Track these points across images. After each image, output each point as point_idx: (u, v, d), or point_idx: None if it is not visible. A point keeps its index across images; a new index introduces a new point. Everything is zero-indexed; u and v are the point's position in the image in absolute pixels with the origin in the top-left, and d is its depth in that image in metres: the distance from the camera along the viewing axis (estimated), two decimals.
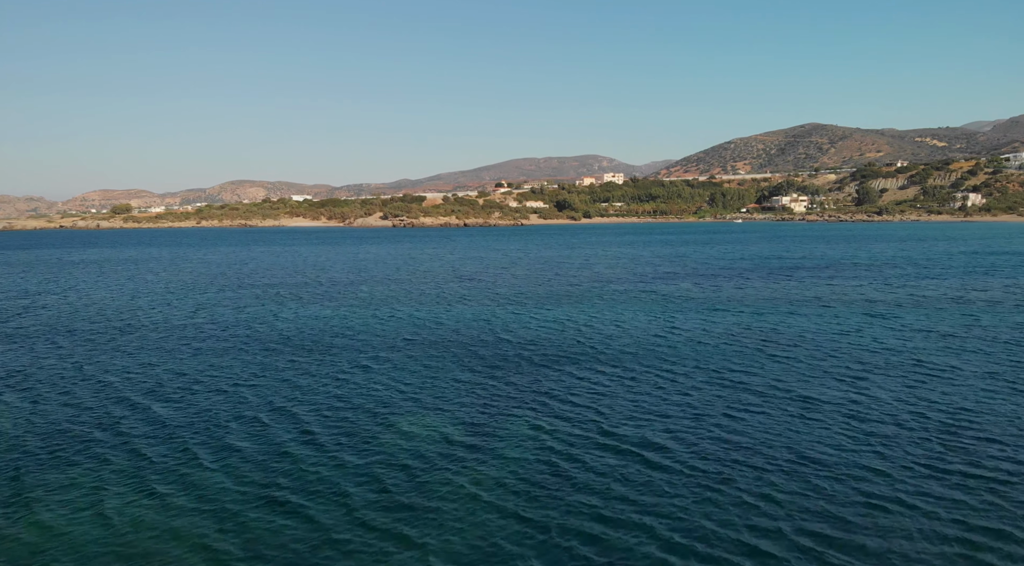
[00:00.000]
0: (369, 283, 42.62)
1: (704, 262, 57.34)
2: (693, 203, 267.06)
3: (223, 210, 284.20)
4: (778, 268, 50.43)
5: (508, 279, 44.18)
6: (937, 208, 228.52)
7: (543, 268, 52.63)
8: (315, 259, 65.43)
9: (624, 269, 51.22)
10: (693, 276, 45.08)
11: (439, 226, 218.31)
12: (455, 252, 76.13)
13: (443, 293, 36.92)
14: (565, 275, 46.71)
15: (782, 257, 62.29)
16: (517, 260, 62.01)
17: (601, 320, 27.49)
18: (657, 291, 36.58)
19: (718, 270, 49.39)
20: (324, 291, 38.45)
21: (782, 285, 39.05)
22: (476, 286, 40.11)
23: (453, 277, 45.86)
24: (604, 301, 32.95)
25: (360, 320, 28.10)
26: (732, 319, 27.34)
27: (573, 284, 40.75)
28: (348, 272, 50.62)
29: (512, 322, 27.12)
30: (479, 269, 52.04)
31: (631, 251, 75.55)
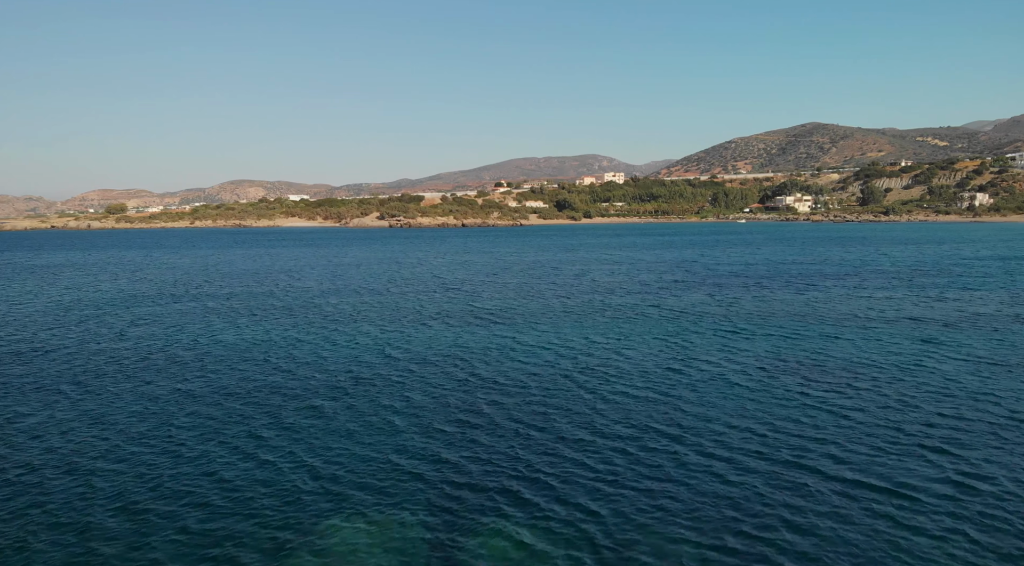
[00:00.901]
0: (339, 294, 37.71)
1: (713, 268, 52.41)
2: (695, 203, 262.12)
3: (219, 210, 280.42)
4: (797, 276, 45.49)
5: (495, 289, 39.27)
6: (945, 208, 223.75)
7: (536, 275, 47.71)
8: (292, 263, 60.54)
9: (626, 276, 46.32)
10: (704, 285, 40.14)
11: (436, 226, 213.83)
12: (445, 255, 71.22)
13: (418, 308, 32.01)
14: (560, 284, 41.79)
15: (797, 262, 57.36)
16: (509, 265, 57.10)
17: (601, 347, 22.59)
18: (665, 306, 31.64)
19: (731, 278, 44.46)
20: (283, 304, 33.54)
21: (807, 298, 34.10)
22: (458, 298, 35.19)
23: (435, 286, 40.95)
24: (604, 319, 28.02)
25: (309, 346, 23.18)
26: (761, 346, 22.40)
27: (569, 296, 35.83)
28: (321, 279, 45.73)
29: (493, 351, 22.19)
30: (466, 276, 47.14)
31: (633, 255, 70.62)
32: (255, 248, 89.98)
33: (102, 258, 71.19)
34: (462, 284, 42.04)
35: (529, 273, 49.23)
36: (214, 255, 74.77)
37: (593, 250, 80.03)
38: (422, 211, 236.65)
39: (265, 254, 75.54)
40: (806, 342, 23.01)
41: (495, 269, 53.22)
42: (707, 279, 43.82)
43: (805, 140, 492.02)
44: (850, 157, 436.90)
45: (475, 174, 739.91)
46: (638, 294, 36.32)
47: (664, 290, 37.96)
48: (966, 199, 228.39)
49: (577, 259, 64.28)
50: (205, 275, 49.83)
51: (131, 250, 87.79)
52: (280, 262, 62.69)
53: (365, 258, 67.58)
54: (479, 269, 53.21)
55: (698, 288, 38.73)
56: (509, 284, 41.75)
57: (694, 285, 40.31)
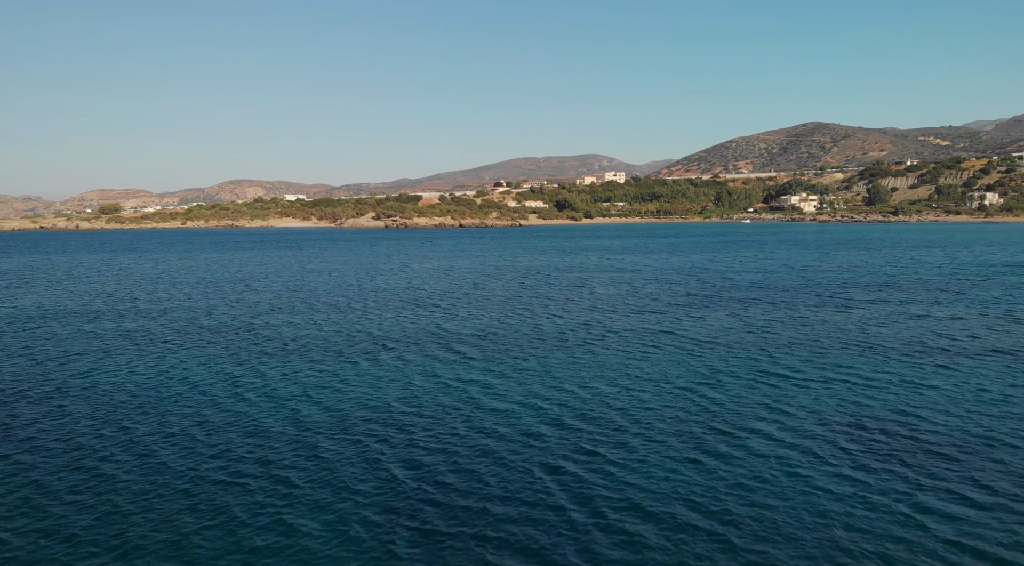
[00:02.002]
0: (289, 311, 31.59)
1: (728, 276, 46.27)
2: (698, 203, 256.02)
3: (213, 210, 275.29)
4: (827, 287, 39.35)
5: (476, 306, 33.15)
6: (955, 208, 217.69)
7: (528, 286, 41.59)
8: (258, 270, 54.42)
9: (630, 287, 40.20)
10: (723, 300, 34.00)
11: (433, 227, 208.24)
12: (431, 260, 65.06)
13: (376, 331, 25.92)
14: (554, 298, 35.67)
15: (820, 269, 51.20)
16: (499, 272, 50.97)
17: (600, 395, 16.52)
18: (682, 332, 25.51)
19: (752, 290, 38.32)
20: (216, 325, 27.41)
21: (855, 319, 27.97)
22: (428, 319, 29.08)
23: (405, 301, 34.82)
24: (606, 353, 21.90)
25: (210, 395, 17.06)
26: (823, 399, 16.27)
27: (563, 315, 29.71)
28: (279, 291, 39.63)
29: (450, 410, 16.06)
30: (445, 287, 40.99)
31: (636, 259, 64.49)
32: (231, 251, 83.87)
33: (54, 263, 65.05)
34: (439, 298, 35.90)
35: (520, 283, 43.10)
36: (182, 259, 68.68)
37: (593, 254, 73.93)
38: (419, 211, 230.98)
39: (236, 259, 69.42)
40: (879, 392, 16.89)
41: (482, 277, 47.09)
42: (725, 292, 37.67)
43: (806, 140, 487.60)
44: (852, 157, 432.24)
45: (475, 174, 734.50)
46: (646, 313, 30.19)
47: (677, 307, 31.81)
48: (976, 199, 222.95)
49: (575, 265, 58.15)
50: (153, 285, 43.75)
51: (99, 253, 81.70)
52: (247, 268, 56.60)
53: (342, 263, 61.47)
54: (464, 277, 47.07)
55: (717, 305, 32.57)
56: (494, 298, 35.60)
57: (711, 300, 34.14)
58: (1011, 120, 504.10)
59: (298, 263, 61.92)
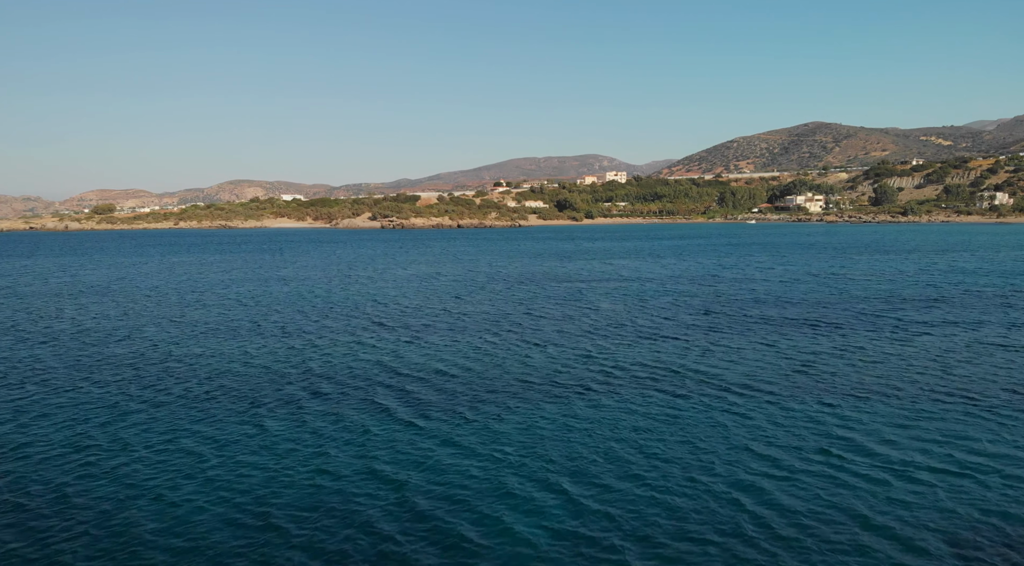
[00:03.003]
0: (224, 334, 25.90)
1: (749, 287, 40.52)
2: (701, 203, 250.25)
3: (207, 210, 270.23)
4: (867, 301, 33.63)
5: (451, 327, 27.46)
6: (965, 208, 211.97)
7: (517, 299, 35.87)
8: (217, 277, 48.72)
9: (636, 303, 34.48)
10: (750, 321, 28.29)
11: (431, 227, 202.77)
12: (416, 265, 59.31)
13: (317, 366, 20.22)
14: (546, 316, 29.97)
15: (851, 278, 45.47)
16: (487, 281, 45.25)
17: (607, 495, 10.85)
18: (706, 369, 19.79)
19: (781, 305, 32.60)
20: (130, 353, 21.71)
21: (923, 350, 22.18)
22: (388, 345, 23.36)
23: (369, 319, 29.09)
24: (610, 403, 16.20)
25: (62, 466, 11.40)
26: (932, 499, 10.62)
27: (554, 342, 23.99)
28: (231, 303, 33.94)
29: (388, 502, 10.36)
30: (421, 301, 35.25)
31: (641, 266, 58.78)
32: (206, 254, 78.19)
33: (7, 267, 59.37)
34: (410, 316, 30.17)
35: (508, 295, 37.37)
36: (146, 265, 63.00)
37: (593, 257, 68.22)
38: (416, 211, 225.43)
39: (205, 263, 63.75)
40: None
41: (467, 287, 41.36)
42: (749, 307, 31.94)
43: (808, 139, 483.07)
44: (854, 156, 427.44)
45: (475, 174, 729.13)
46: (660, 339, 24.47)
47: (696, 331, 26.08)
48: (986, 199, 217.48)
49: (573, 271, 52.43)
50: (88, 297, 38.06)
51: (63, 257, 76.03)
52: (209, 275, 50.92)
53: (317, 269, 55.77)
54: (446, 288, 41.34)
55: (745, 326, 26.82)
56: (475, 317, 29.89)
57: (737, 321, 28.40)
58: (1013, 120, 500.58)
59: (269, 268, 56.25)
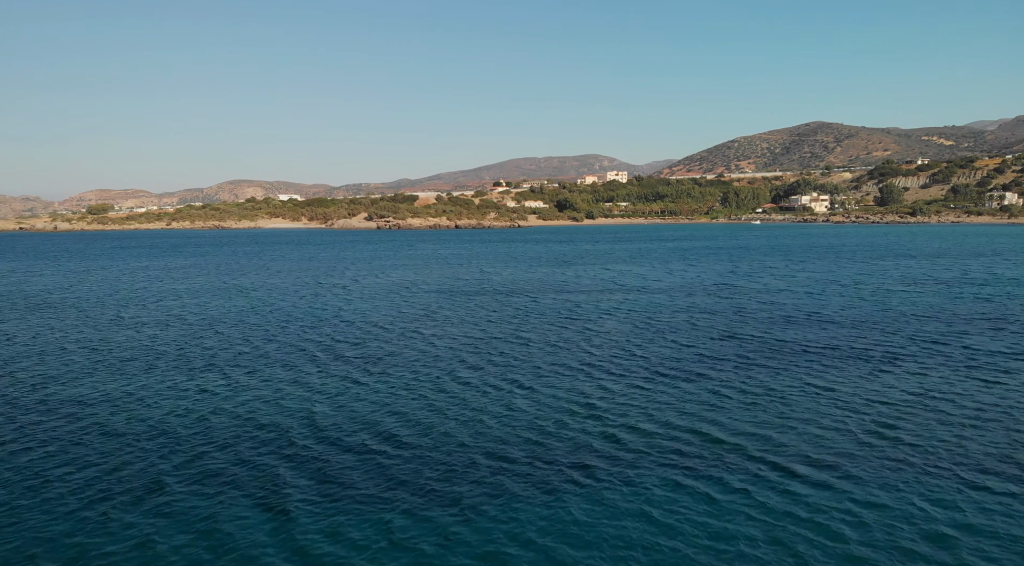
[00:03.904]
0: (140, 368, 20.83)
1: (771, 301, 35.35)
2: (704, 203, 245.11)
3: (202, 210, 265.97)
4: (917, 320, 28.52)
5: (414, 357, 22.36)
6: (975, 209, 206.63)
7: (501, 318, 30.75)
8: (170, 285, 43.65)
9: (643, 322, 29.38)
10: (784, 348, 23.16)
11: (428, 228, 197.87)
12: (397, 270, 54.15)
13: (228, 419, 15.19)
14: (534, 342, 24.87)
15: (885, 290, 40.29)
16: (470, 292, 40.09)
17: None
18: (745, 434, 14.70)
19: (816, 326, 27.46)
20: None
21: None
22: (328, 387, 18.26)
23: (320, 343, 23.97)
24: (616, 501, 11.14)
25: None
26: None
27: (540, 385, 18.87)
28: (168, 320, 28.89)
29: None
30: (385, 317, 30.07)
31: (645, 272, 53.65)
32: (177, 258, 73.11)
33: None
34: (370, 341, 25.00)
35: (493, 312, 32.24)
36: (106, 269, 57.91)
37: (594, 262, 63.10)
38: (413, 212, 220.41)
39: (167, 267, 58.68)
40: None
41: (448, 300, 36.20)
42: (778, 329, 26.81)
43: (809, 139, 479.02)
44: (855, 156, 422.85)
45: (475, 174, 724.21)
46: (677, 383, 19.34)
47: (721, 367, 20.96)
48: (995, 199, 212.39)
49: (570, 280, 47.30)
50: (10, 311, 33.02)
51: (24, 260, 71.00)
52: (162, 283, 45.87)
53: (286, 275, 50.66)
54: (423, 301, 36.19)
55: (784, 363, 21.66)
56: (447, 341, 24.75)
57: (769, 347, 23.25)
58: (1014, 120, 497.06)
59: (236, 275, 51.17)
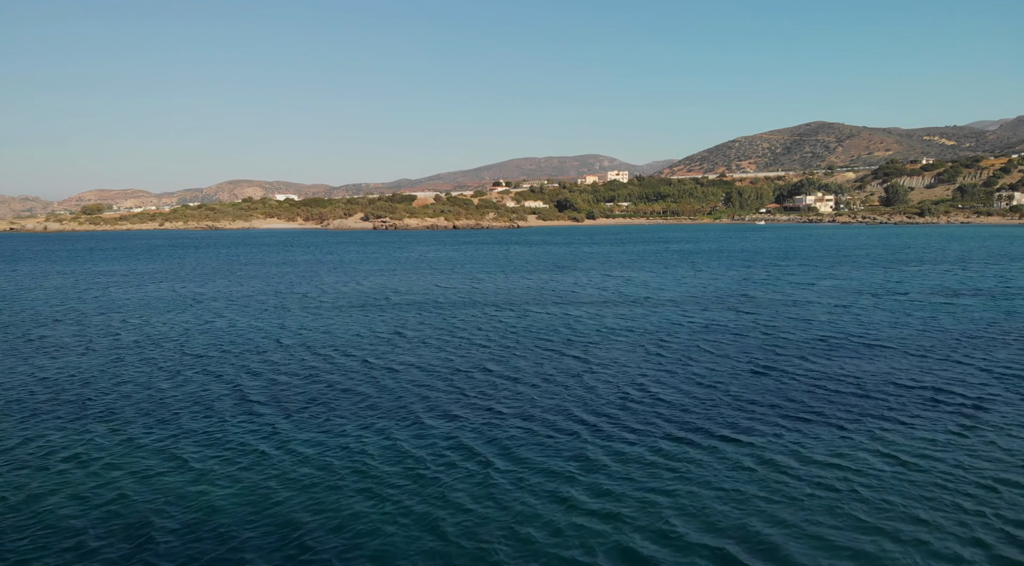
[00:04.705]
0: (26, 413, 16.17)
1: (805, 321, 30.50)
2: (707, 203, 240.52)
3: (198, 210, 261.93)
4: (991, 348, 23.87)
5: (373, 392, 17.61)
6: (984, 209, 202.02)
7: (480, 342, 25.97)
8: (116, 297, 38.98)
9: (653, 346, 24.64)
10: (840, 397, 18.34)
11: (425, 228, 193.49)
12: (376, 278, 49.41)
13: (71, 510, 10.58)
14: (521, 378, 20.11)
15: (929, 301, 35.62)
16: (452, 307, 35.35)
17: None
18: (823, 539, 10.04)
19: (872, 362, 22.67)
20: None
21: None
22: (225, 458, 13.54)
23: (252, 376, 19.28)
24: None
25: None
26: None
27: (529, 443, 14.15)
28: (75, 345, 24.24)
29: None
30: (350, 338, 25.33)
31: (650, 280, 48.94)
32: (145, 262, 68.47)
33: None
34: (314, 374, 20.22)
35: (474, 332, 27.47)
36: (63, 275, 53.22)
37: (594, 267, 58.39)
38: (411, 212, 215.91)
39: (129, 272, 53.99)
40: None
41: (422, 317, 31.43)
42: (825, 364, 22.05)
43: (810, 139, 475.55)
44: (857, 156, 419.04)
45: (475, 174, 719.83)
46: (703, 444, 14.62)
47: (761, 417, 16.22)
48: (1004, 199, 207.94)
49: (568, 290, 42.55)
50: None
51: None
52: (108, 293, 41.22)
53: (249, 282, 45.99)
54: (394, 317, 31.39)
55: (838, 411, 16.86)
56: (413, 371, 20.01)
57: (818, 393, 18.44)
58: (1015, 119, 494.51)
59: (200, 280, 46.47)
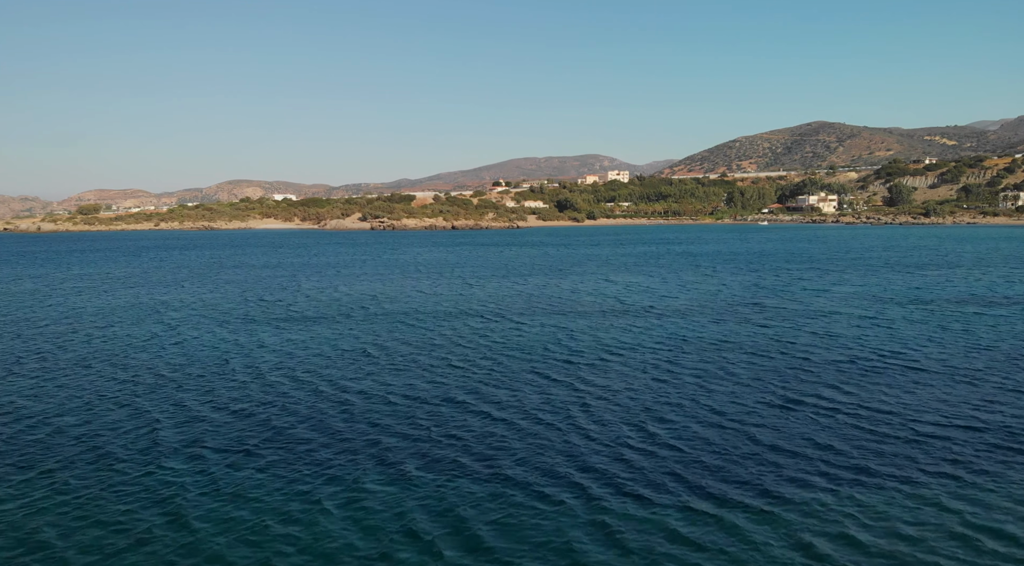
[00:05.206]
0: None
1: (831, 335, 27.49)
2: (708, 203, 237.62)
3: (195, 210, 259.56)
4: None
5: (326, 431, 14.66)
6: (990, 209, 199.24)
7: (467, 358, 23.00)
8: (75, 304, 36.03)
9: (661, 365, 21.67)
10: (889, 438, 15.41)
11: (423, 228, 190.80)
12: (357, 284, 46.39)
13: None
14: (505, 415, 17.15)
15: (961, 312, 32.66)
16: (443, 315, 32.36)
17: None
18: None
19: (920, 384, 19.71)
20: None
21: None
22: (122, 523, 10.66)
23: (149, 426, 16.36)
24: None
25: None
26: None
27: (515, 506, 11.24)
28: (6, 362, 21.33)
29: None
30: (314, 357, 22.38)
31: (655, 286, 45.97)
32: (123, 265, 65.56)
33: None
34: (262, 405, 17.25)
35: (456, 349, 24.47)
36: (31, 279, 50.26)
37: (594, 270, 55.40)
38: (409, 212, 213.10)
39: (98, 276, 51.06)
40: None
41: (401, 330, 28.41)
42: (868, 397, 18.94)
43: (811, 139, 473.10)
44: (858, 156, 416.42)
45: (475, 174, 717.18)
46: (738, 505, 11.55)
47: (801, 469, 13.22)
48: (1009, 199, 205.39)
49: (566, 297, 39.56)
50: None
51: None
52: (70, 300, 38.28)
53: (221, 288, 43.04)
54: (372, 330, 28.39)
55: (892, 458, 13.77)
56: (379, 403, 16.99)
57: (865, 436, 15.31)
58: (1016, 119, 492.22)
59: (172, 286, 43.51)
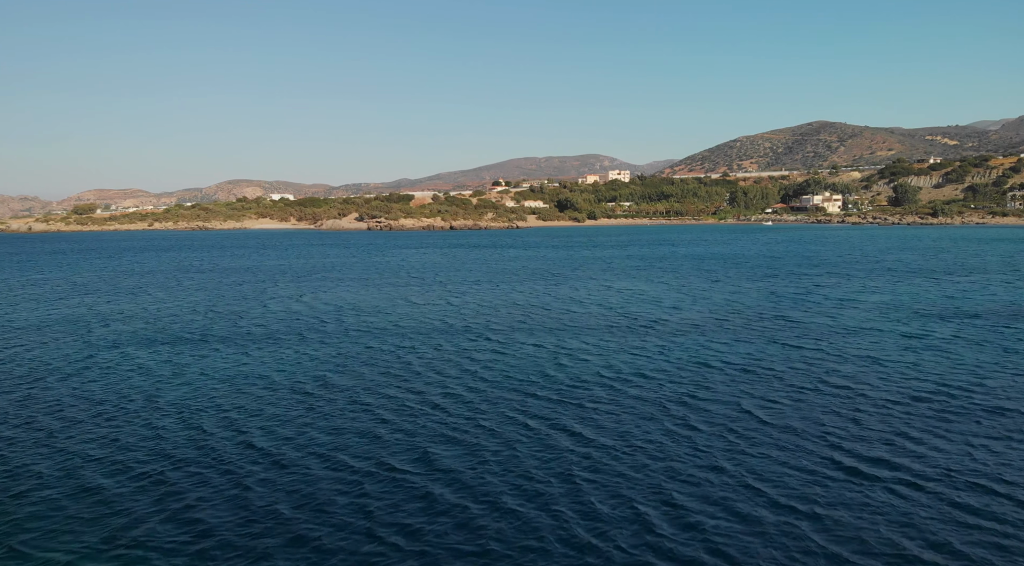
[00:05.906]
0: None
1: (874, 357, 23.64)
2: (711, 203, 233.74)
3: (191, 210, 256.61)
4: None
5: (239, 510, 10.97)
6: (1000, 209, 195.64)
7: (440, 394, 19.21)
8: (8, 317, 32.41)
9: (675, 403, 17.89)
10: (984, 517, 11.83)
11: (421, 229, 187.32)
12: (338, 290, 42.51)
13: None
14: (465, 482, 13.29)
15: (1019, 326, 28.88)
16: (421, 332, 28.59)
17: None
18: None
19: (1015, 432, 16.10)
20: None
21: None
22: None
23: (35, 479, 12.71)
24: None
25: None
26: None
27: None
28: None
29: None
30: (257, 389, 18.67)
31: (660, 295, 42.16)
32: (89, 270, 61.87)
33: None
34: (188, 454, 13.61)
35: (430, 379, 20.72)
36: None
37: (593, 276, 51.59)
38: (407, 212, 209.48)
39: (56, 281, 47.34)
40: None
41: (368, 352, 24.64)
42: (947, 451, 15.19)
43: (812, 138, 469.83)
44: (859, 156, 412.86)
45: (475, 174, 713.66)
46: None
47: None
48: (1017, 199, 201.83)
49: (563, 308, 35.75)
50: None
51: None
52: (15, 312, 34.62)
53: (190, 295, 39.28)
54: (335, 352, 24.61)
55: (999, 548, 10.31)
56: (323, 459, 13.22)
57: (954, 514, 11.81)
58: (1017, 119, 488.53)
59: (131, 292, 39.76)
